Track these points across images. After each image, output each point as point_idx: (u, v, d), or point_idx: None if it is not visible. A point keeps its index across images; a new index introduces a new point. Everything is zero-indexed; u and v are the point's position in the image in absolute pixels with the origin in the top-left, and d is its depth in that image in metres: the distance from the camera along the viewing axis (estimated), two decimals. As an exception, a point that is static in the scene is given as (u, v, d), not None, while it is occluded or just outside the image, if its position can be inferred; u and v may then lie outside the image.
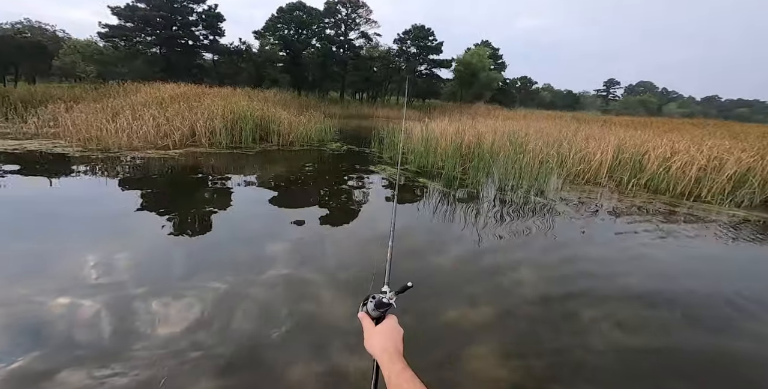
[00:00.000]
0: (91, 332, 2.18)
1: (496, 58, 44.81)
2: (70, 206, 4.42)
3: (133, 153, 7.54)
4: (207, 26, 27.03)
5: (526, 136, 8.95)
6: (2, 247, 3.24)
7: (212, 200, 5.09)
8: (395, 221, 1.07)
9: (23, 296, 2.47)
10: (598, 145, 7.25)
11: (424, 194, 5.92)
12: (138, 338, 2.15)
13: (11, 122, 10.29)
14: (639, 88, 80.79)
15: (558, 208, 5.38)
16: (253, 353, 2.10)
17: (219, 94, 13.69)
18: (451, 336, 2.39)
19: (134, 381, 1.84)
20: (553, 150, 6.86)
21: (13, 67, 21.31)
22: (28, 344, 2.04)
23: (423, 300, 2.75)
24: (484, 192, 6.18)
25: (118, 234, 3.63)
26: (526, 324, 2.58)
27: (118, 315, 2.34)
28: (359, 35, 36.06)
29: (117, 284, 2.69)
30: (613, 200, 5.99)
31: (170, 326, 2.27)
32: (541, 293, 2.98)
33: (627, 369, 2.19)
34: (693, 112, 68.99)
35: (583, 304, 2.85)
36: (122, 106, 10.89)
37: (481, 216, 4.82)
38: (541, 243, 4.04)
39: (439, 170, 7.68)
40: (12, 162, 6.28)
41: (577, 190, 6.50)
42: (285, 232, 4.01)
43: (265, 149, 9.64)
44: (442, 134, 9.11)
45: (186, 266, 3.08)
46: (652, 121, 18.79)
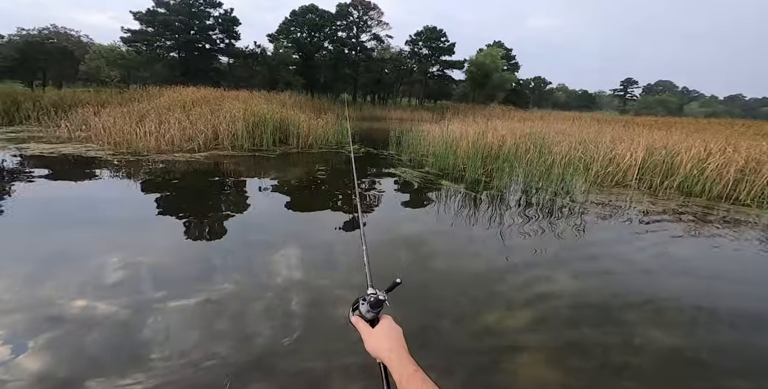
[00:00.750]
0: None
1: (509, 59, 44.28)
2: (108, 207, 4.56)
3: (162, 156, 7.74)
4: (223, 30, 27.62)
5: (549, 137, 8.80)
6: (53, 241, 3.36)
7: (242, 202, 5.17)
8: (364, 226, 1.08)
9: (67, 283, 2.56)
10: (627, 146, 7.07)
11: (447, 197, 5.88)
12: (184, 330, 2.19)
13: (44, 126, 10.70)
14: (658, 87, 78.52)
15: (589, 210, 5.26)
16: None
17: (237, 98, 13.93)
18: (491, 340, 2.37)
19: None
20: (580, 152, 6.72)
21: (41, 72, 22.21)
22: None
23: (456, 303, 2.74)
24: (510, 194, 6.10)
25: (153, 233, 3.72)
26: (568, 327, 2.54)
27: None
28: (371, 37, 36.29)
29: (156, 277, 2.75)
30: (646, 203, 5.82)
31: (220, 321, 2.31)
32: (579, 296, 2.93)
33: (671, 370, 2.13)
34: (716, 111, 66.67)
35: (624, 308, 2.78)
36: (147, 110, 11.21)
37: (509, 218, 4.75)
38: (573, 246, 3.95)
39: (461, 173, 7.62)
40: (49, 165, 6.53)
41: (606, 192, 6.34)
42: (312, 234, 4.03)
43: (286, 151, 9.75)
44: (462, 136, 9.04)
45: (222, 263, 3.13)
46: (676, 121, 18.23)
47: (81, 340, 2.14)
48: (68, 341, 2.13)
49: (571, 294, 2.96)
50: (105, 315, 2.38)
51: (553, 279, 3.21)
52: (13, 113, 12.02)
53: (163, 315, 2.40)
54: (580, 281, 3.22)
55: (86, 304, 2.47)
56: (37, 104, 12.68)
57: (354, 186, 3.77)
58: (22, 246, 3.34)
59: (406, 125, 23.02)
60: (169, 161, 7.46)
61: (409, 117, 29.08)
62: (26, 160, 6.83)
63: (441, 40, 38.14)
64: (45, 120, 11.03)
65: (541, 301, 2.86)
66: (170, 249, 3.45)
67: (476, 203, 5.51)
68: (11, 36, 24.71)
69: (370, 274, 0.84)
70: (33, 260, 3.04)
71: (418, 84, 41.98)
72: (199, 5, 26.26)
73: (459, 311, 2.68)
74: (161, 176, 6.31)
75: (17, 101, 12.54)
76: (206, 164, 7.49)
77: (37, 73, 22.19)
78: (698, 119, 22.53)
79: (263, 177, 6.78)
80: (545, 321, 2.60)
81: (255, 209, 4.83)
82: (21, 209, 4.37)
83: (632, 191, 6.49)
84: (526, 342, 2.35)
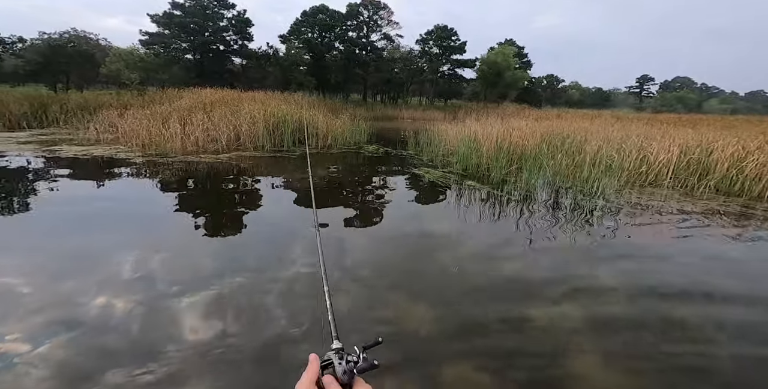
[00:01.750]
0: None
1: (521, 57, 43.67)
2: (145, 206, 4.65)
3: (189, 157, 7.86)
4: (237, 31, 27.95)
5: (574, 136, 8.64)
6: (109, 235, 3.45)
7: (271, 201, 5.21)
8: (324, 265, 0.88)
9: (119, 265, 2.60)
10: (659, 145, 6.88)
11: (474, 197, 5.82)
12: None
13: (72, 129, 11.00)
14: (675, 84, 76.34)
15: (625, 211, 5.14)
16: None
17: (254, 99, 14.07)
18: (546, 340, 2.34)
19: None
20: (613, 151, 6.57)
21: (63, 75, 22.87)
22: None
23: (502, 302, 2.71)
24: (540, 195, 6.00)
25: (192, 231, 3.77)
26: (621, 327, 2.49)
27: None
28: (381, 37, 36.26)
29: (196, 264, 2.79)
30: (684, 203, 5.66)
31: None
32: (628, 296, 2.87)
33: (735, 374, 2.05)
34: (737, 108, 64.54)
35: (676, 308, 2.71)
36: (169, 112, 11.42)
37: (542, 219, 4.67)
38: (613, 247, 3.86)
39: (485, 173, 7.54)
40: (85, 167, 6.71)
41: (640, 192, 6.19)
42: (343, 237, 4.03)
43: (305, 152, 9.80)
44: (484, 136, 8.94)
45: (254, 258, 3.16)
46: (700, 118, 17.69)
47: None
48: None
49: (620, 294, 2.89)
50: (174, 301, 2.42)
51: (599, 281, 3.13)
52: (41, 115, 12.38)
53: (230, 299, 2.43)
54: (629, 282, 3.13)
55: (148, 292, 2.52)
56: (64, 106, 13.04)
57: (315, 218, 3.56)
58: (77, 241, 3.43)
59: (418, 125, 22.98)
60: (197, 162, 7.57)
61: (421, 116, 28.98)
62: (62, 162, 7.02)
63: (452, 38, 37.88)
64: (73, 122, 11.34)
65: (591, 302, 2.80)
66: (223, 244, 3.50)
67: (505, 204, 5.44)
68: (33, 40, 25.52)
69: (335, 323, 0.67)
70: (88, 252, 3.12)
71: (428, 83, 41.81)
72: (213, 7, 26.65)
73: (503, 310, 2.64)
74: (195, 178, 6.41)
75: (45, 103, 12.92)
76: (233, 165, 7.58)
77: (59, 76, 22.86)
78: (724, 116, 21.81)
79: (290, 177, 6.83)
80: (599, 324, 2.54)
81: (289, 208, 4.87)
82: (67, 208, 4.49)
83: (667, 190, 6.31)
84: (581, 344, 2.31)
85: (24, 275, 2.82)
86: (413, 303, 2.73)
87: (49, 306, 2.45)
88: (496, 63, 35.81)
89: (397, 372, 2.02)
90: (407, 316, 2.57)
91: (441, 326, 2.47)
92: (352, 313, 2.54)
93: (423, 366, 2.09)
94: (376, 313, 2.60)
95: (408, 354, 2.17)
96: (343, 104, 25.73)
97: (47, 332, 2.18)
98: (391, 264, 3.38)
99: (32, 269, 2.96)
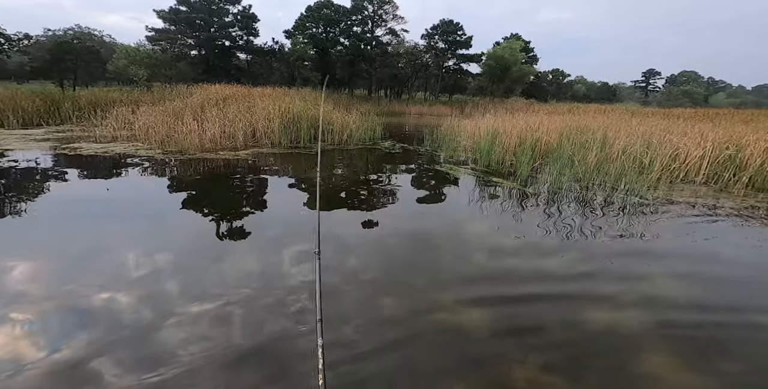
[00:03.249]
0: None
1: (528, 52, 43.18)
2: (181, 204, 4.60)
3: (208, 154, 7.79)
4: (242, 27, 27.69)
5: (598, 130, 8.49)
6: (154, 229, 3.40)
7: (298, 198, 5.14)
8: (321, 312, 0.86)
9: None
10: (692, 140, 6.75)
11: (504, 195, 5.72)
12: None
13: (86, 126, 10.93)
14: (682, 78, 75.37)
15: (660, 208, 5.05)
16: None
17: (264, 95, 13.94)
18: (609, 341, 2.29)
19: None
20: (644, 146, 6.45)
21: (70, 72, 22.76)
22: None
23: (557, 305, 2.63)
24: (570, 192, 5.90)
25: (236, 226, 3.72)
26: (688, 329, 2.43)
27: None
28: (386, 32, 35.87)
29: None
30: (723, 200, 5.56)
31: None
32: (689, 298, 2.79)
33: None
34: (744, 101, 63.68)
35: (738, 310, 2.62)
36: (181, 108, 11.32)
37: (582, 217, 4.58)
38: (658, 245, 3.77)
39: (509, 169, 7.43)
40: (110, 165, 6.65)
41: (673, 189, 6.08)
42: (375, 237, 3.96)
43: (324, 148, 9.70)
44: (505, 131, 8.82)
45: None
46: (716, 112, 17.42)
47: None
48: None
49: (680, 295, 2.81)
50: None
51: (653, 280, 3.06)
52: (54, 112, 12.31)
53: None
54: (680, 279, 3.06)
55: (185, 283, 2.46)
56: (76, 103, 12.96)
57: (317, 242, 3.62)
58: (126, 234, 3.38)
59: (426, 120, 22.83)
60: (217, 159, 7.49)
61: (428, 112, 28.79)
62: (85, 160, 6.96)
63: (458, 33, 37.42)
64: (88, 119, 11.26)
65: (650, 301, 2.73)
66: (260, 240, 3.44)
67: (540, 202, 5.34)
68: (38, 37, 25.39)
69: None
70: (140, 241, 3.07)
71: (433, 78, 41.44)
72: (218, 2, 26.38)
73: (559, 311, 2.57)
74: (219, 175, 6.34)
75: (56, 100, 12.83)
76: (253, 162, 7.50)
77: (66, 73, 22.75)
78: (738, 110, 21.46)
79: (311, 174, 6.74)
80: (661, 321, 2.48)
81: (316, 203, 4.80)
82: (102, 204, 4.44)
83: (700, 186, 6.20)
84: (646, 344, 2.25)
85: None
86: (472, 305, 2.66)
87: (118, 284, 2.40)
88: (504, 58, 35.44)
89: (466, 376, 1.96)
90: (466, 317, 2.50)
91: (497, 326, 2.40)
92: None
93: (490, 367, 2.03)
94: (438, 316, 2.53)
95: (470, 355, 2.11)
96: (349, 100, 25.54)
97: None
98: (438, 266, 3.31)
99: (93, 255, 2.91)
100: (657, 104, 52.95)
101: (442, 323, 2.42)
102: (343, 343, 2.15)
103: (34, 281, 2.72)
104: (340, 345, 2.12)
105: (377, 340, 2.18)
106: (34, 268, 2.92)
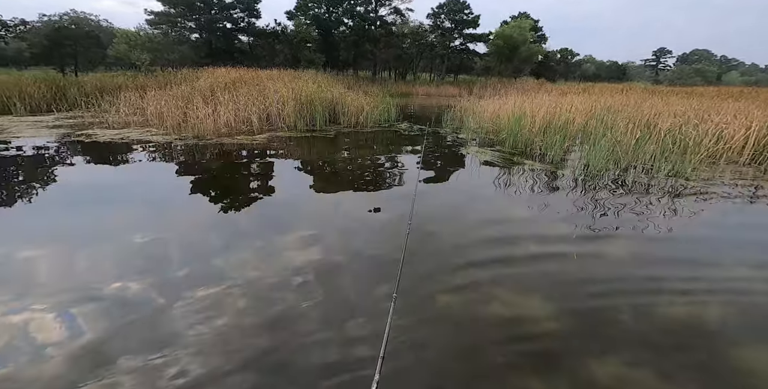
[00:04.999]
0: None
1: (536, 30, 41.58)
2: (212, 189, 4.44)
3: (225, 139, 7.56)
4: (244, 8, 26.63)
5: (627, 110, 8.15)
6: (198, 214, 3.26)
7: (328, 181, 4.97)
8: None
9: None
10: (738, 121, 6.42)
11: (540, 177, 5.51)
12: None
13: (95, 112, 10.66)
14: (693, 56, 72.84)
15: (709, 191, 4.84)
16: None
17: (272, 77, 13.50)
18: (688, 332, 2.17)
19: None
20: (687, 126, 6.15)
21: (71, 57, 22.16)
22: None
23: (630, 294, 2.48)
24: (609, 174, 5.67)
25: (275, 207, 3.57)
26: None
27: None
28: (391, 11, 34.48)
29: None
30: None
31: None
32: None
33: None
34: (758, 80, 61.63)
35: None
36: (190, 92, 10.98)
37: (620, 199, 4.39)
38: (727, 228, 3.60)
39: (538, 151, 7.16)
40: (128, 151, 6.46)
41: (718, 171, 5.83)
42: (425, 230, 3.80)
43: (340, 131, 9.43)
44: (532, 112, 8.48)
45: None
46: (740, 91, 16.77)
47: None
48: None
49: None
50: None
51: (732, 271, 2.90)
52: (60, 98, 12.01)
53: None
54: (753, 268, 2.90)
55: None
56: (82, 89, 12.63)
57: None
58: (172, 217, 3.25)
59: (435, 101, 22.27)
60: (235, 143, 7.27)
61: (435, 92, 28.11)
62: (103, 146, 6.77)
63: (464, 12, 35.94)
64: (96, 105, 10.99)
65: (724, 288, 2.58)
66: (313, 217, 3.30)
67: (580, 185, 5.13)
68: (34, 23, 24.58)
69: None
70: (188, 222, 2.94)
71: (438, 59, 40.19)
72: (217, -18, 25.23)
73: (631, 301, 2.43)
74: (241, 159, 6.14)
75: (62, 86, 12.50)
76: (273, 146, 7.28)
77: (66, 59, 22.14)
78: (760, 88, 20.64)
79: (337, 158, 6.53)
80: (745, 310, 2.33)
81: (349, 194, 4.63)
82: (133, 189, 4.29)
83: (745, 167, 5.94)
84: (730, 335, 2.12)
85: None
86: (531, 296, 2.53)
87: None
88: (512, 37, 34.17)
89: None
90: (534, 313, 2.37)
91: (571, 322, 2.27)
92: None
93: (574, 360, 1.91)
94: (498, 309, 2.40)
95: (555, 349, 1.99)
96: (355, 81, 24.85)
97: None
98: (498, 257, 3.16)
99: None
100: (668, 83, 51.39)
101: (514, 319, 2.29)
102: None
103: (85, 263, 2.60)
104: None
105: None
106: (86, 251, 2.80)
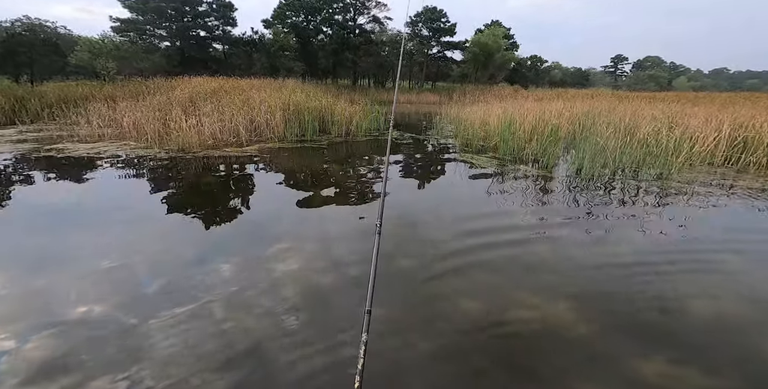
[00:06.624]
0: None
1: (508, 38, 43.45)
2: (213, 207, 4.16)
3: (214, 152, 7.19)
4: (219, 16, 26.01)
5: (605, 115, 8.57)
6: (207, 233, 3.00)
7: (338, 194, 4.82)
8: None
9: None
10: (709, 124, 6.91)
11: (539, 183, 5.63)
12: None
13: (62, 124, 9.89)
14: (647, 62, 78.73)
15: (696, 192, 5.12)
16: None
17: (254, 86, 13.16)
18: (720, 332, 2.21)
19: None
20: (667, 131, 6.53)
21: (26, 67, 20.57)
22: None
23: (648, 296, 2.53)
24: (604, 178, 5.88)
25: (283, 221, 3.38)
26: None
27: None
28: (369, 19, 34.94)
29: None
30: (750, 181, 5.71)
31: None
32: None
33: None
34: (703, 85, 67.46)
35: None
36: (168, 103, 10.46)
37: (622, 203, 4.55)
38: (716, 226, 3.78)
39: (530, 157, 7.32)
40: (108, 168, 5.97)
41: (697, 172, 6.20)
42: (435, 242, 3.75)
43: (333, 141, 9.27)
44: (520, 118, 8.72)
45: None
46: (696, 96, 18.22)
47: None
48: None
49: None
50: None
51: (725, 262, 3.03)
52: (20, 110, 11.05)
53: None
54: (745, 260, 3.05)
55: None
56: (44, 100, 11.71)
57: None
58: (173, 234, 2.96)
59: (419, 108, 22.62)
60: (225, 156, 6.94)
61: (417, 100, 28.56)
62: (79, 161, 6.23)
63: (441, 20, 37.05)
64: (61, 117, 10.20)
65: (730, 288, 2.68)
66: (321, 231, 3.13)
67: (575, 190, 5.27)
68: (-16, 29, 22.72)
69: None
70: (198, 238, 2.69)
71: (417, 66, 41.00)
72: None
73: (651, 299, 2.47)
74: (234, 173, 5.85)
75: (21, 97, 11.53)
76: (265, 158, 7.01)
77: (21, 67, 20.53)
78: (715, 93, 22.56)
79: (335, 169, 6.38)
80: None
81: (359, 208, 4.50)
82: (128, 208, 3.93)
83: (721, 169, 6.37)
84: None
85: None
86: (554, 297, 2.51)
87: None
88: (487, 45, 35.47)
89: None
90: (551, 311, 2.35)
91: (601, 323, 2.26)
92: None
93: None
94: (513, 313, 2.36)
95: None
96: (336, 89, 24.77)
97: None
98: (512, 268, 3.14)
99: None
100: (627, 88, 55.06)
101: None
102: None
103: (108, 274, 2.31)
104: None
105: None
106: (104, 266, 2.49)
